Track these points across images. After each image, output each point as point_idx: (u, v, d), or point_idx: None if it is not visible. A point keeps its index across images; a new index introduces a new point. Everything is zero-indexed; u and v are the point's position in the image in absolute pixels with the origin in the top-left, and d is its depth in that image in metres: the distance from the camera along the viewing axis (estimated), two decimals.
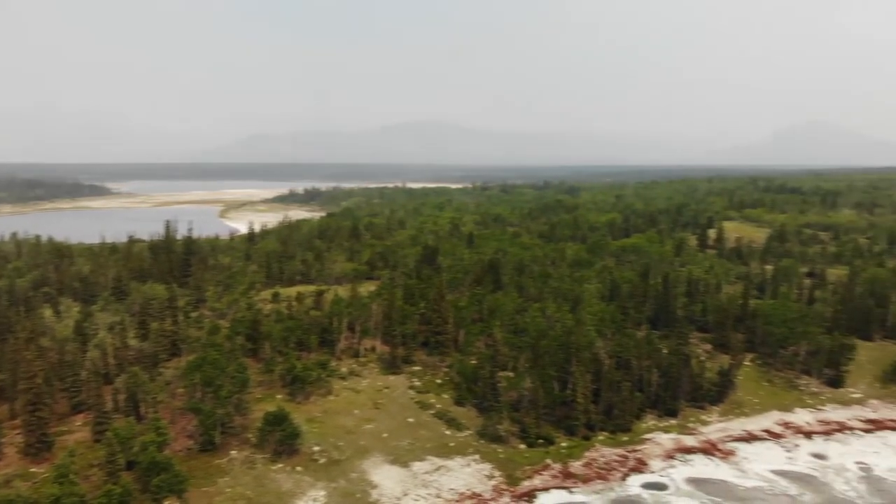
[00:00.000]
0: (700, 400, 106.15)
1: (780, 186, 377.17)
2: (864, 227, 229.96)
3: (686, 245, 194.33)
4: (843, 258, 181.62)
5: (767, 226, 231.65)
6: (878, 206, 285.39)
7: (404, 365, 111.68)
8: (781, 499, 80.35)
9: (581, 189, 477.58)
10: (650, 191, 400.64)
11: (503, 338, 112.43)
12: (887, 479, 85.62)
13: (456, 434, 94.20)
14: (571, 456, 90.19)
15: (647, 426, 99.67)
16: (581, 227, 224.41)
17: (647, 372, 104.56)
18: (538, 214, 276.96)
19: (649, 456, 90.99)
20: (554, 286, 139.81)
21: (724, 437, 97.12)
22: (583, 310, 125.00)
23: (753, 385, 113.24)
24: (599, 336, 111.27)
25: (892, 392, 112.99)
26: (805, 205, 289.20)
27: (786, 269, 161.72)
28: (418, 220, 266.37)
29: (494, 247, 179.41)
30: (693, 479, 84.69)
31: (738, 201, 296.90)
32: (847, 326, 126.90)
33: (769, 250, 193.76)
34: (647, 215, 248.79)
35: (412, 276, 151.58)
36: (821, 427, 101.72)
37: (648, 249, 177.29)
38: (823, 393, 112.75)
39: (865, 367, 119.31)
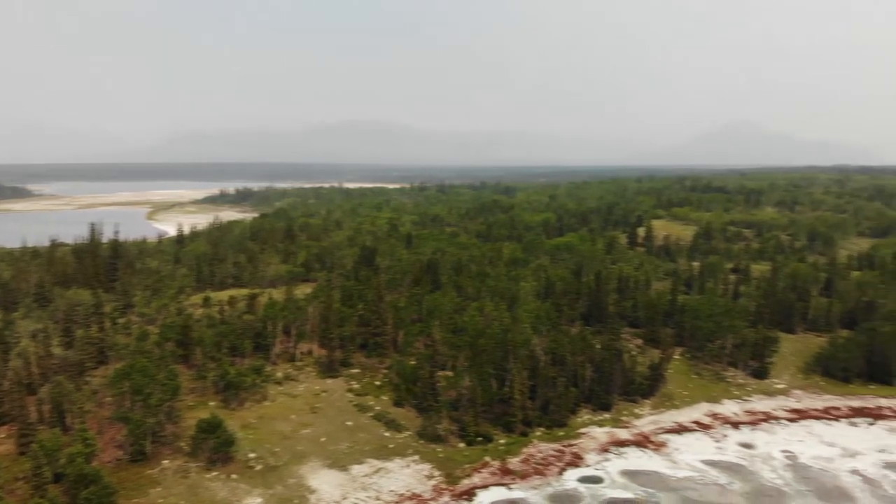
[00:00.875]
0: (632, 394, 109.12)
1: (705, 186, 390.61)
2: (786, 224, 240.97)
3: (617, 243, 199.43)
4: (766, 254, 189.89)
5: (694, 224, 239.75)
6: (799, 204, 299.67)
7: (342, 368, 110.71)
8: (711, 488, 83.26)
9: (517, 189, 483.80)
10: (582, 191, 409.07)
11: (442, 337, 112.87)
12: (812, 466, 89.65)
13: (395, 435, 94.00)
14: (510, 453, 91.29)
15: (582, 420, 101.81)
16: (517, 226, 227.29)
17: (581, 367, 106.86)
18: (475, 214, 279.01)
19: (585, 450, 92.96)
20: (491, 285, 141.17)
21: (656, 430, 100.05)
22: (519, 308, 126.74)
23: (683, 378, 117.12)
24: (535, 333, 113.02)
25: (814, 382, 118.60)
26: (729, 203, 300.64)
27: (712, 265, 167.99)
28: (356, 220, 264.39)
29: (433, 247, 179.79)
30: (627, 472, 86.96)
31: (665, 200, 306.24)
32: (770, 320, 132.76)
33: (696, 247, 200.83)
34: (580, 215, 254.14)
35: (350, 277, 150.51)
36: (748, 417, 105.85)
37: (581, 248, 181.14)
38: (749, 384, 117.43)
39: (789, 358, 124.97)
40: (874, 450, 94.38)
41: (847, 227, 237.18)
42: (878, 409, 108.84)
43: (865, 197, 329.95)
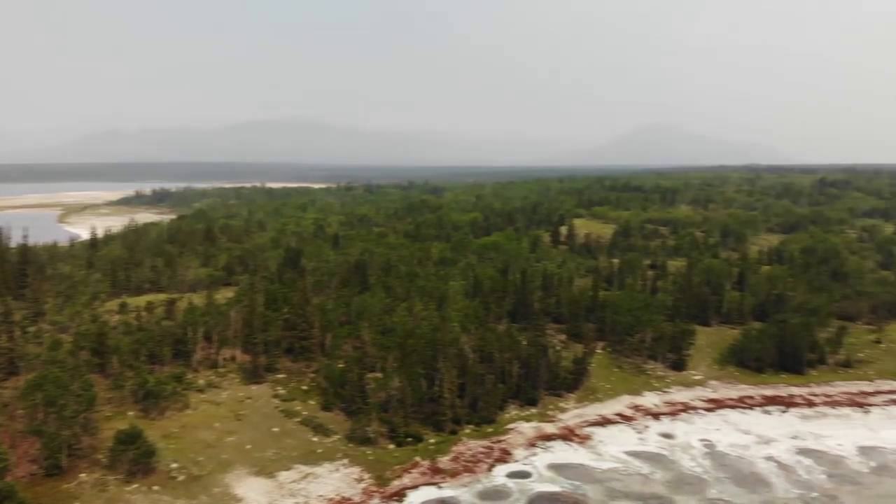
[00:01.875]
0: (558, 388, 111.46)
1: (624, 185, 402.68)
2: (700, 221, 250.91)
3: (541, 242, 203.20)
4: (682, 251, 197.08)
5: (613, 222, 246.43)
6: (712, 202, 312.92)
7: (267, 373, 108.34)
8: (635, 478, 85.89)
9: (445, 189, 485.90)
10: (507, 191, 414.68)
11: (371, 339, 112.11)
12: (729, 454, 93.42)
13: (324, 440, 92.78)
14: (439, 451, 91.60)
15: (510, 416, 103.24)
16: (445, 226, 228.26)
17: (508, 364, 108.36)
18: (404, 214, 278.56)
19: (513, 445, 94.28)
20: (420, 285, 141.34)
21: (581, 423, 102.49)
22: (448, 307, 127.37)
23: (605, 371, 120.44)
24: (464, 332, 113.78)
25: (729, 373, 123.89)
26: (647, 202, 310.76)
27: (630, 261, 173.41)
28: (279, 221, 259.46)
29: (360, 247, 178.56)
30: (554, 465, 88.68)
31: (586, 200, 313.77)
32: (687, 313, 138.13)
33: (615, 245, 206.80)
34: (506, 214, 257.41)
35: (274, 280, 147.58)
36: (667, 408, 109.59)
37: (507, 247, 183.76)
38: (668, 376, 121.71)
39: (705, 350, 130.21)
40: (787, 436, 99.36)
41: (757, 223, 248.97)
42: (789, 398, 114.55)
43: (774, 195, 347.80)
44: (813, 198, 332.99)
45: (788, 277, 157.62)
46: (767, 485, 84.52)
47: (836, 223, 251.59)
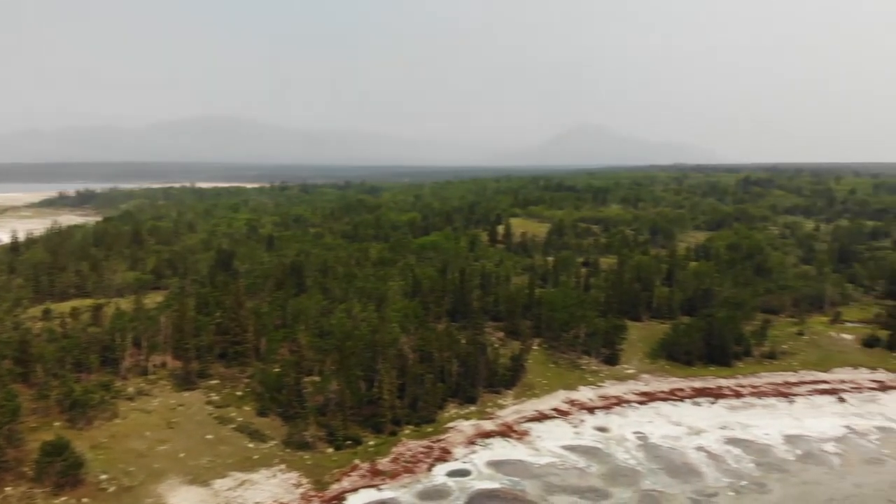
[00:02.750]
0: (496, 385, 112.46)
1: (558, 185, 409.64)
2: (630, 219, 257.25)
3: (479, 241, 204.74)
4: (613, 248, 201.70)
5: (548, 221, 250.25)
6: (641, 201, 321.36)
7: (200, 379, 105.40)
8: (572, 472, 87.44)
9: (382, 189, 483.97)
10: (445, 190, 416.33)
11: (308, 342, 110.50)
12: (661, 445, 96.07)
13: (260, 446, 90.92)
14: (379, 453, 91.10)
15: (449, 415, 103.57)
16: (383, 226, 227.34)
17: (447, 363, 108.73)
18: (341, 214, 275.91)
19: (453, 444, 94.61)
20: (359, 286, 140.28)
21: (519, 419, 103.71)
22: (387, 308, 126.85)
23: (542, 367, 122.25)
24: (403, 332, 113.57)
25: (660, 366, 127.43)
26: (579, 201, 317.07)
27: (565, 259, 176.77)
28: (210, 222, 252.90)
29: (296, 248, 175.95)
30: (493, 462, 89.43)
31: (522, 199, 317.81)
32: (619, 309, 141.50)
33: (550, 243, 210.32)
34: (444, 214, 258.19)
35: (205, 283, 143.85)
36: (602, 402, 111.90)
37: (446, 246, 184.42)
38: (602, 370, 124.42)
39: (636, 344, 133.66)
40: (716, 427, 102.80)
41: (685, 221, 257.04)
42: (718, 389, 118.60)
43: (700, 193, 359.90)
44: (737, 196, 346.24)
45: (715, 273, 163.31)
46: (699, 474, 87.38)
47: (759, 220, 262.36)
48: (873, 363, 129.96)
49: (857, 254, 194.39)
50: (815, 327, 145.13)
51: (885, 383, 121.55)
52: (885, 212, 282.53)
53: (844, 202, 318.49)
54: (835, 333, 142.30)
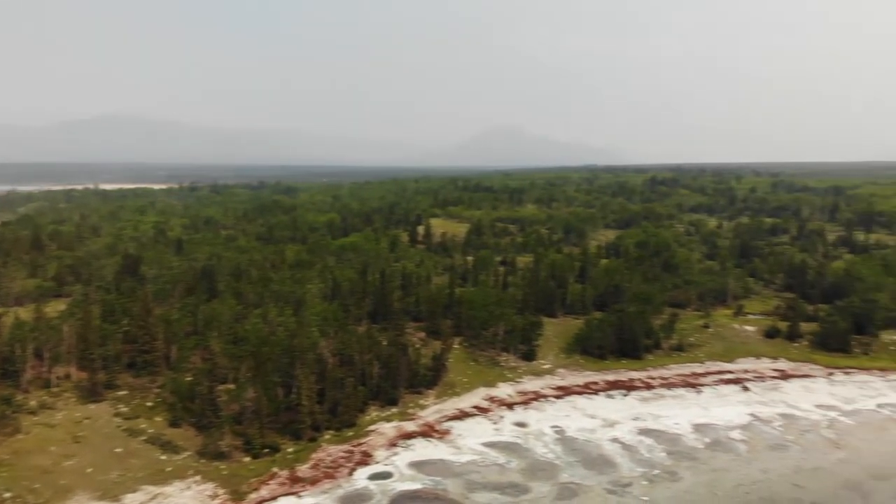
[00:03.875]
0: (417, 386, 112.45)
1: (476, 186, 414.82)
2: (545, 219, 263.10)
3: (399, 241, 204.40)
4: (529, 247, 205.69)
5: (467, 221, 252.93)
6: (555, 201, 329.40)
7: (107, 391, 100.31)
8: (492, 468, 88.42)
9: (298, 189, 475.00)
10: (365, 191, 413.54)
11: (221, 349, 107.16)
12: (578, 438, 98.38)
13: (173, 457, 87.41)
14: (298, 460, 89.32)
15: (370, 418, 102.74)
16: (300, 227, 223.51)
17: (368, 365, 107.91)
18: (255, 216, 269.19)
19: (374, 447, 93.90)
20: (275, 290, 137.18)
21: (440, 418, 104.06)
22: (305, 311, 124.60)
23: (462, 366, 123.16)
24: (322, 336, 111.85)
25: (575, 361, 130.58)
26: (496, 202, 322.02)
27: (483, 259, 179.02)
28: (116, 225, 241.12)
29: (207, 252, 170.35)
30: (415, 463, 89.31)
31: (441, 199, 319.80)
32: (535, 306, 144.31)
33: (469, 243, 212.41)
34: (364, 214, 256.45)
35: (111, 289, 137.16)
36: (520, 398, 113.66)
37: (366, 247, 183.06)
38: (520, 367, 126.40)
39: (552, 340, 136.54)
40: (629, 418, 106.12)
41: (596, 220, 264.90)
42: (629, 381, 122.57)
43: (610, 193, 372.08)
44: (645, 195, 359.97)
45: (625, 270, 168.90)
46: (614, 465, 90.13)
47: (665, 218, 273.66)
48: (774, 353, 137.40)
49: (758, 249, 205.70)
50: (720, 320, 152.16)
51: (786, 372, 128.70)
52: (782, 209, 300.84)
53: (745, 200, 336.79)
54: (738, 325, 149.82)
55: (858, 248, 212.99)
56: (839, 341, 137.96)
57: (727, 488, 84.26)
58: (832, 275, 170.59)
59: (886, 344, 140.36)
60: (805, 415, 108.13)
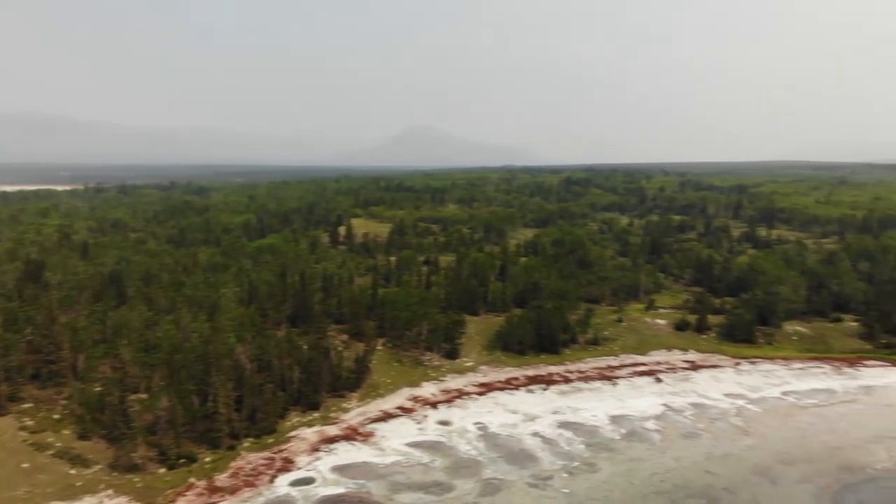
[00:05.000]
0: (340, 389, 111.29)
1: (398, 186, 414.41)
2: (466, 219, 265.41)
3: (319, 242, 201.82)
4: (451, 246, 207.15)
5: (389, 221, 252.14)
6: (476, 201, 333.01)
7: (11, 403, 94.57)
8: (416, 468, 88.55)
9: (212, 189, 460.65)
10: (282, 191, 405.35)
11: (133, 357, 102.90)
12: (500, 434, 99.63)
13: (83, 472, 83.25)
14: (217, 469, 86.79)
15: (291, 424, 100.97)
16: (214, 229, 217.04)
17: (288, 370, 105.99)
18: (165, 218, 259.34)
19: (296, 453, 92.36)
20: (188, 294, 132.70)
21: (364, 421, 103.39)
22: (221, 316, 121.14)
23: (386, 367, 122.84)
24: (240, 341, 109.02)
25: (496, 357, 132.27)
26: (418, 201, 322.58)
27: (406, 259, 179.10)
28: (17, 229, 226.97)
29: (115, 256, 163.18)
30: (338, 467, 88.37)
31: (363, 199, 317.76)
32: (458, 305, 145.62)
33: (392, 243, 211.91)
34: (282, 215, 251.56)
35: (13, 297, 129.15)
36: (444, 396, 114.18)
37: (284, 249, 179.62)
38: (444, 365, 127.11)
39: (475, 338, 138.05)
40: (549, 412, 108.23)
41: (515, 219, 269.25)
42: (549, 376, 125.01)
43: (528, 193, 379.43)
44: (560, 195, 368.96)
45: (542, 267, 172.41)
46: (535, 459, 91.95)
47: (580, 217, 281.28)
48: (685, 345, 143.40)
49: (667, 246, 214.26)
50: (633, 314, 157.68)
51: (696, 363, 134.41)
52: (690, 207, 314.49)
53: (654, 199, 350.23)
54: (650, 319, 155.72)
55: (761, 244, 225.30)
56: (745, 332, 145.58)
57: (643, 477, 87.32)
58: (737, 269, 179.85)
59: (789, 334, 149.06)
60: (715, 404, 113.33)
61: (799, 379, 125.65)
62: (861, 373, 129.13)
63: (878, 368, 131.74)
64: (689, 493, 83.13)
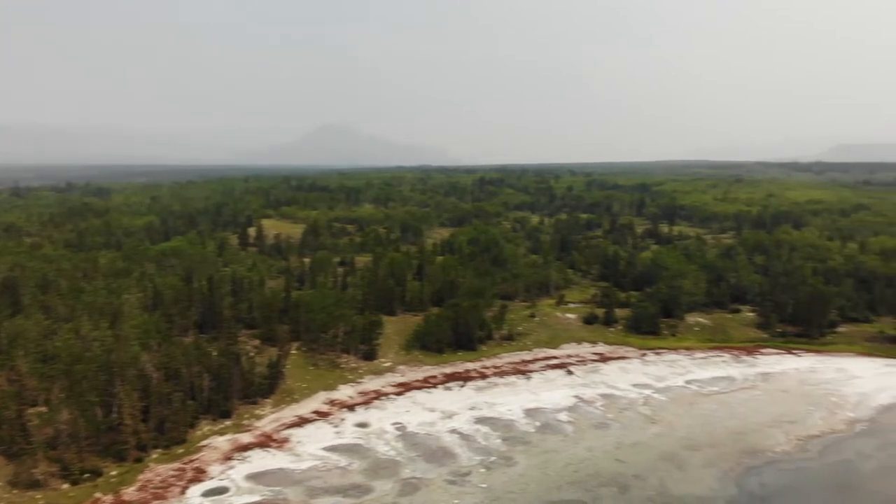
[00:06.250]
0: (253, 395, 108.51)
1: (311, 185, 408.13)
2: (382, 218, 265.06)
3: (228, 244, 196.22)
4: (368, 246, 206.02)
5: (302, 222, 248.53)
6: (392, 201, 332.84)
7: None
8: (334, 472, 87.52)
9: (112, 191, 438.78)
10: (188, 191, 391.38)
11: (30, 369, 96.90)
12: (419, 432, 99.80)
13: None
14: (124, 483, 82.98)
15: (202, 433, 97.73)
16: (115, 232, 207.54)
17: (198, 378, 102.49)
18: (62, 220, 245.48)
19: (207, 462, 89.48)
20: (88, 301, 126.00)
21: (278, 427, 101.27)
22: (124, 324, 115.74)
23: (301, 371, 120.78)
24: (145, 349, 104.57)
25: (414, 357, 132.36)
26: (333, 201, 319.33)
27: (321, 260, 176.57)
28: None
29: (9, 262, 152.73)
30: (252, 475, 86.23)
31: (274, 200, 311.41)
32: (375, 305, 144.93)
33: (305, 244, 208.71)
34: (187, 216, 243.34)
35: None
36: (361, 398, 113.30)
37: (191, 252, 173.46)
38: (361, 367, 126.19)
39: (392, 338, 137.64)
40: (466, 408, 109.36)
41: (431, 219, 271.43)
42: (466, 373, 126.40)
43: (443, 193, 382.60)
44: (475, 195, 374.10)
45: (458, 266, 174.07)
46: (453, 456, 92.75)
47: (494, 216, 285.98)
48: (594, 338, 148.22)
49: (575, 243, 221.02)
50: (545, 309, 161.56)
51: (605, 355, 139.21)
52: (596, 206, 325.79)
53: (563, 198, 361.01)
54: (561, 314, 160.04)
55: (663, 240, 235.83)
56: (650, 324, 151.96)
57: (558, 468, 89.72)
58: (641, 264, 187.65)
59: (691, 325, 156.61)
60: (623, 394, 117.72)
61: (701, 368, 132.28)
62: (759, 360, 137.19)
63: (774, 356, 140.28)
64: (602, 482, 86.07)
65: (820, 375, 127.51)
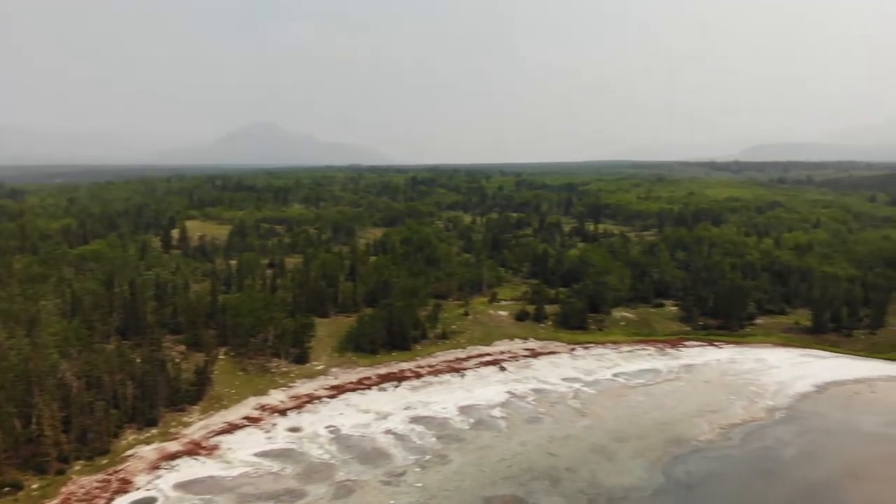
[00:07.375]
0: (179, 403, 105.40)
1: (237, 185, 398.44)
2: (313, 219, 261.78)
3: (150, 247, 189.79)
4: (298, 247, 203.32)
5: (228, 223, 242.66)
6: (322, 200, 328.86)
7: None
8: (266, 478, 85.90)
9: (26, 192, 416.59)
10: (106, 192, 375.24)
11: None
12: (353, 435, 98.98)
13: None
14: (46, 496, 79.24)
15: (127, 442, 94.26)
16: (30, 235, 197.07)
17: (121, 386, 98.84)
18: None
19: (133, 472, 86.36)
20: (3, 308, 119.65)
21: (207, 434, 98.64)
22: (41, 331, 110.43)
23: (230, 377, 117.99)
24: (64, 357, 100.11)
25: (348, 358, 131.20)
26: (260, 201, 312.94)
27: (248, 262, 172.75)
28: None
29: None
30: (181, 484, 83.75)
31: (198, 200, 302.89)
32: (306, 307, 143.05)
33: (232, 246, 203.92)
34: (106, 218, 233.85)
35: None
36: (293, 402, 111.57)
37: (110, 255, 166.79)
38: (292, 371, 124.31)
39: (325, 340, 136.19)
40: (401, 408, 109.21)
41: (363, 218, 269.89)
42: (400, 373, 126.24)
43: (375, 192, 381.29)
44: (407, 194, 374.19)
45: (392, 266, 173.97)
46: (388, 457, 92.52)
47: (427, 216, 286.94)
48: (525, 334, 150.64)
49: (506, 242, 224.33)
50: (477, 307, 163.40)
51: (536, 350, 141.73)
52: (525, 205, 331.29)
53: (494, 198, 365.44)
54: (493, 311, 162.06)
55: (589, 237, 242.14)
56: (578, 319, 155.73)
57: (492, 464, 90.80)
58: (569, 262, 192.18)
59: (617, 320, 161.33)
60: (554, 388, 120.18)
61: (628, 361, 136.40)
62: (682, 353, 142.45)
63: (697, 348, 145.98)
64: (535, 476, 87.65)
65: (740, 366, 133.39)
